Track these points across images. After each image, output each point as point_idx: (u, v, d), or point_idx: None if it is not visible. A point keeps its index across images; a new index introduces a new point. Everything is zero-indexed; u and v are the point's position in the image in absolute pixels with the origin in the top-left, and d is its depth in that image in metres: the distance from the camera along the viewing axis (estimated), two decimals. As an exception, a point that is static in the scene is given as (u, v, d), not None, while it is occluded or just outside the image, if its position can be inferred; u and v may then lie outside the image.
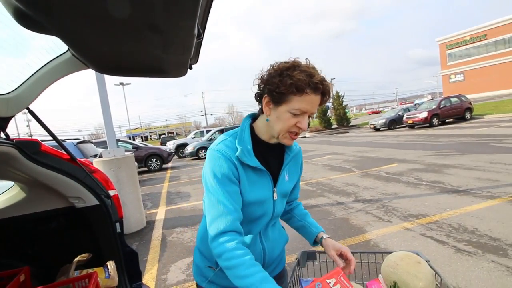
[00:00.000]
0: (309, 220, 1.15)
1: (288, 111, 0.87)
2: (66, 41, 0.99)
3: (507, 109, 16.84)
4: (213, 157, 0.91)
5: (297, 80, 0.83)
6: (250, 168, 0.92)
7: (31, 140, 1.33)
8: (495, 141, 8.14)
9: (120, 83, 32.42)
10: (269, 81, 0.88)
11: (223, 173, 0.88)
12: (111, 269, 1.50)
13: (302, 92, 0.84)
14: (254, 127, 0.99)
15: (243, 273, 0.79)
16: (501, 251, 2.53)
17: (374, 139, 13.71)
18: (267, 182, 0.97)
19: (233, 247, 0.82)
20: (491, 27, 35.91)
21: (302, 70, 0.84)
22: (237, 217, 0.87)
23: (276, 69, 0.87)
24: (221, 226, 0.84)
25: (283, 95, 0.86)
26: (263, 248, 1.02)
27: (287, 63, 0.88)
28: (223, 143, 0.94)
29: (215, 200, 0.87)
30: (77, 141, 6.77)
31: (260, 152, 0.96)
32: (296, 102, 0.86)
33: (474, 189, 4.32)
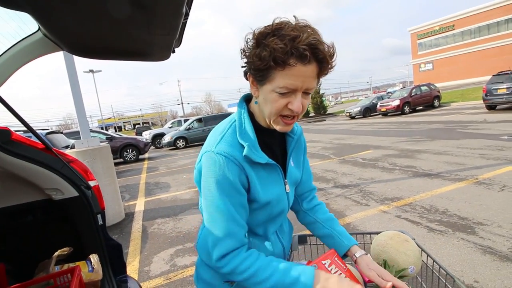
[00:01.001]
0: (338, 229, 0.95)
1: (273, 90, 0.71)
2: (37, 18, 0.90)
3: (472, 97, 17.88)
4: (216, 163, 0.74)
5: (273, 49, 0.65)
6: (260, 164, 0.79)
7: (1, 129, 1.23)
8: (461, 127, 8.64)
9: (89, 70, 30.70)
10: (248, 55, 0.73)
11: (229, 182, 0.73)
12: (94, 262, 1.44)
13: (284, 64, 0.66)
14: (252, 111, 0.84)
15: (264, 275, 0.72)
16: (469, 229, 2.72)
17: (350, 126, 14.09)
18: (277, 176, 0.85)
19: (243, 257, 0.74)
20: (459, 17, 37.56)
21: (282, 34, 0.66)
22: (244, 233, 0.77)
23: (254, 38, 0.71)
24: (229, 247, 0.74)
25: (263, 72, 0.70)
26: (282, 245, 0.95)
27: (267, 27, 0.69)
28: (223, 142, 0.76)
29: (219, 216, 0.74)
30: (46, 131, 6.38)
31: (264, 142, 0.83)
32: (280, 78, 0.69)
33: (444, 172, 4.58)
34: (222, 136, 0.78)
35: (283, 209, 0.89)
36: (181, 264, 2.84)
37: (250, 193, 0.79)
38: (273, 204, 0.84)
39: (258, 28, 0.71)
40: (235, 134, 0.78)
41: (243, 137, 0.77)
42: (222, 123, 0.84)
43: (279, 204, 0.87)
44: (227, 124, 0.82)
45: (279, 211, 0.88)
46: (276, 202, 0.85)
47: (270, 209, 0.85)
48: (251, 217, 0.84)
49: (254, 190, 0.79)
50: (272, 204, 0.84)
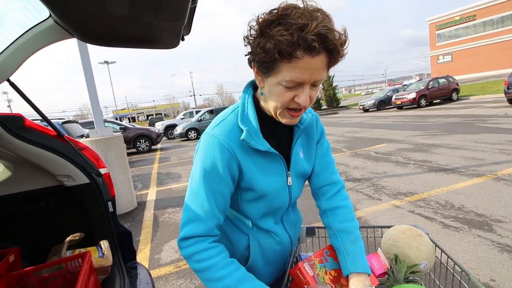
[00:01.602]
0: (348, 248, 0.83)
1: (279, 83, 0.66)
2: (47, 4, 0.90)
3: (492, 90, 17.18)
4: (207, 144, 0.73)
5: (278, 41, 0.59)
6: (259, 152, 0.76)
7: (14, 115, 1.25)
8: (481, 122, 8.34)
9: (104, 61, 31.20)
10: (251, 45, 0.67)
11: (215, 168, 0.71)
12: (104, 248, 1.47)
13: (290, 57, 0.61)
14: (258, 98, 0.79)
15: (217, 275, 0.69)
16: (486, 226, 2.63)
17: (363, 119, 13.83)
18: (279, 167, 0.81)
19: (205, 246, 0.71)
20: (480, 7, 35.89)
21: (288, 22, 0.59)
22: (216, 224, 0.74)
23: (257, 26, 0.64)
24: (195, 231, 0.72)
25: (268, 64, 0.65)
26: (289, 236, 0.92)
27: (272, 13, 0.63)
28: (221, 124, 0.75)
29: (195, 199, 0.72)
30: (62, 121, 6.55)
31: (269, 130, 0.79)
32: (286, 71, 0.63)
33: (460, 167, 4.44)
34: (222, 119, 0.77)
35: (283, 202, 0.85)
36: (191, 253, 2.87)
37: (244, 182, 0.77)
38: (271, 196, 0.81)
39: (263, 13, 0.65)
40: (236, 119, 0.76)
41: (243, 122, 0.74)
42: (227, 108, 0.82)
43: (279, 196, 0.83)
44: (230, 109, 0.80)
45: (279, 204, 0.85)
46: (275, 194, 0.81)
47: (268, 201, 0.82)
48: (250, 208, 0.82)
49: (250, 179, 0.76)
50: (270, 196, 0.81)
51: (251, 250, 0.86)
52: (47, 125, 1.44)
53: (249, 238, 0.86)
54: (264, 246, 0.87)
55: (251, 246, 0.86)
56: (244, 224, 0.86)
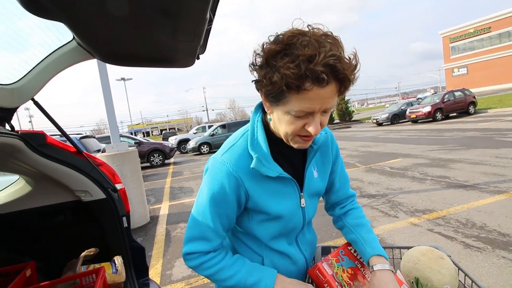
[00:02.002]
0: (364, 235, 0.87)
1: (288, 112, 0.65)
2: (71, 27, 0.95)
3: (511, 103, 16.68)
4: (216, 170, 0.74)
5: (285, 74, 0.58)
6: (270, 178, 0.75)
7: (36, 132, 1.30)
8: (500, 136, 8.06)
9: (121, 78, 32.32)
10: (257, 74, 0.66)
11: (221, 192, 0.73)
12: (118, 264, 1.48)
13: (298, 89, 0.59)
14: (268, 122, 0.78)
15: (227, 274, 0.75)
16: (511, 247, 2.49)
17: (377, 134, 13.63)
18: (292, 190, 0.80)
19: (210, 256, 0.77)
20: (495, 19, 35.43)
21: (295, 54, 0.57)
22: (220, 243, 0.78)
23: (263, 55, 0.63)
24: (199, 248, 0.76)
25: (276, 95, 0.63)
26: (304, 257, 0.91)
27: (278, 44, 0.61)
28: (230, 151, 0.75)
29: (201, 218, 0.75)
30: (80, 136, 6.75)
31: (280, 153, 0.78)
32: (294, 102, 0.62)
33: (481, 184, 4.27)
34: (232, 145, 0.77)
35: (297, 224, 0.85)
36: (203, 269, 2.84)
37: (252, 205, 0.78)
38: (284, 220, 0.81)
39: (267, 43, 0.63)
40: (246, 145, 0.75)
41: (253, 148, 0.73)
42: (237, 132, 0.82)
43: (291, 220, 0.83)
44: (240, 134, 0.80)
45: (292, 226, 0.85)
46: (287, 218, 0.81)
47: (281, 224, 0.82)
48: (261, 229, 0.82)
49: (259, 204, 0.77)
50: (284, 219, 0.81)
51: None
52: (66, 141, 1.48)
53: (263, 259, 0.85)
54: (279, 267, 0.86)
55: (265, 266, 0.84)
56: (257, 244, 0.85)
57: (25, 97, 1.15)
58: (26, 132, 1.28)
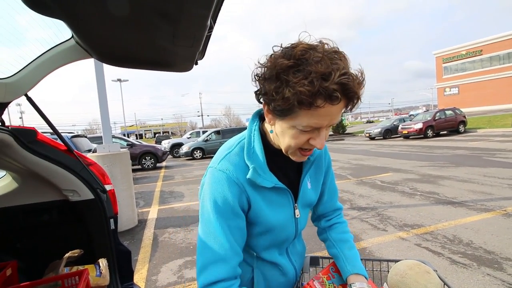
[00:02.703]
0: (346, 252, 0.88)
1: (294, 126, 0.64)
2: (70, 26, 0.95)
3: (500, 124, 17.11)
4: (215, 180, 0.70)
5: (299, 91, 0.57)
6: (266, 188, 0.74)
7: (27, 128, 1.28)
8: (489, 155, 8.23)
9: (117, 79, 32.14)
10: (263, 86, 0.64)
11: (226, 202, 0.69)
12: (102, 267, 1.44)
13: (310, 105, 0.58)
14: (265, 130, 0.77)
15: None
16: (496, 265, 2.52)
17: (369, 147, 13.78)
18: (286, 200, 0.79)
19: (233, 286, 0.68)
20: (487, 43, 36.63)
21: (308, 70, 0.57)
22: (238, 262, 0.70)
23: (272, 68, 0.61)
24: (219, 275, 0.66)
25: (284, 110, 0.62)
26: (294, 268, 0.90)
27: (287, 57, 0.59)
28: (227, 159, 0.73)
29: (212, 238, 0.68)
30: (71, 135, 6.66)
31: (276, 163, 0.77)
32: (303, 117, 0.61)
33: (469, 201, 4.34)
34: (228, 152, 0.75)
35: (289, 235, 0.84)
36: (189, 276, 2.79)
37: (251, 216, 0.75)
38: (278, 230, 0.79)
39: (276, 54, 0.62)
40: (242, 154, 0.74)
41: (249, 158, 0.72)
42: (232, 139, 0.80)
43: (285, 230, 0.81)
44: (235, 141, 0.78)
45: (285, 237, 0.83)
46: (281, 228, 0.80)
47: (274, 235, 0.80)
48: (255, 241, 0.80)
49: (257, 213, 0.74)
50: (277, 230, 0.79)
51: (255, 282, 0.83)
52: (57, 139, 1.47)
53: (253, 269, 0.83)
54: (268, 278, 0.85)
55: (255, 278, 0.83)
56: (247, 255, 0.83)
57: (19, 93, 1.14)
58: (17, 127, 1.26)
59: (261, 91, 0.66)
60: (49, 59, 1.20)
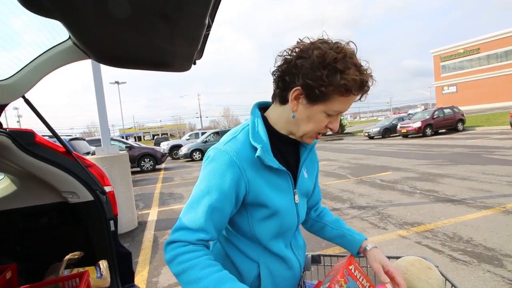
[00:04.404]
0: (347, 228, 0.98)
1: (325, 111, 0.72)
2: (67, 26, 0.94)
3: (498, 121, 17.15)
4: (217, 159, 0.73)
5: (350, 80, 0.66)
6: (270, 169, 0.77)
7: (25, 130, 1.27)
8: (487, 153, 8.25)
9: (115, 81, 32.13)
10: (309, 73, 0.69)
11: (221, 182, 0.72)
12: (103, 269, 1.44)
13: (350, 93, 0.69)
14: (267, 117, 0.83)
15: (195, 275, 0.66)
16: (496, 261, 2.52)
17: (368, 146, 13.80)
18: (287, 184, 0.82)
19: (188, 249, 0.70)
20: (484, 41, 36.75)
21: (352, 63, 0.68)
22: (209, 237, 0.73)
23: (320, 58, 0.68)
24: (181, 237, 0.70)
25: (326, 95, 0.69)
26: (298, 261, 0.91)
27: (333, 49, 0.68)
28: (233, 141, 0.76)
29: (192, 209, 0.72)
30: (69, 137, 6.64)
31: (278, 148, 0.81)
32: (338, 103, 0.71)
33: (468, 199, 4.34)
34: (233, 136, 0.78)
35: (292, 221, 0.85)
36: (190, 277, 2.79)
37: (252, 198, 0.77)
38: (283, 214, 0.81)
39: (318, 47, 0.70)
40: (247, 137, 0.77)
41: (255, 139, 0.76)
42: (236, 127, 0.84)
43: (289, 214, 0.83)
44: (240, 128, 0.82)
45: (289, 223, 0.84)
46: (285, 213, 0.82)
47: (280, 219, 0.81)
48: (262, 228, 0.81)
49: (260, 195, 0.76)
50: (282, 214, 0.81)
51: (262, 278, 0.82)
52: (56, 141, 1.46)
53: (259, 265, 0.82)
54: (274, 273, 0.84)
55: (262, 274, 0.82)
56: (253, 250, 0.83)
57: (16, 94, 1.13)
58: (15, 130, 1.26)
59: (302, 75, 0.70)
60: (46, 61, 1.19)
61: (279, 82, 0.76)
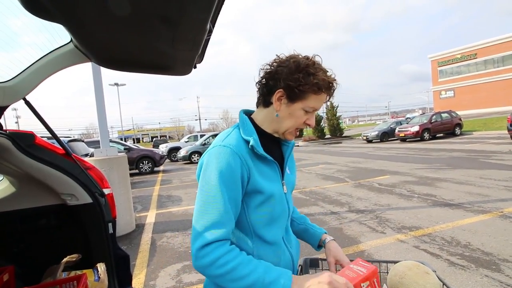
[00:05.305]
0: (310, 223, 1.10)
1: (303, 108, 0.86)
2: (70, 30, 0.95)
3: (495, 126, 17.25)
4: (221, 153, 0.79)
5: (321, 79, 0.82)
6: (262, 159, 0.87)
7: (25, 132, 1.28)
8: (485, 157, 8.29)
9: (115, 83, 32.08)
10: (288, 76, 0.84)
11: (232, 172, 0.78)
12: (101, 272, 1.43)
13: (321, 91, 0.84)
14: (254, 119, 0.94)
15: (245, 271, 0.72)
16: (493, 266, 2.53)
17: (366, 150, 13.83)
18: (276, 174, 0.92)
19: (226, 249, 0.74)
20: (481, 46, 37.02)
21: (320, 68, 0.84)
22: (232, 229, 0.79)
23: (296, 64, 0.84)
24: (215, 236, 0.74)
25: (303, 93, 0.84)
26: (290, 254, 0.96)
27: (305, 58, 0.86)
28: (228, 138, 0.85)
29: (214, 205, 0.76)
30: (68, 139, 6.63)
31: (264, 144, 0.90)
32: (312, 100, 0.85)
33: (466, 203, 4.36)
34: (227, 135, 0.87)
35: (284, 209, 0.93)
36: (187, 281, 2.78)
37: (251, 185, 0.83)
38: (275, 200, 0.88)
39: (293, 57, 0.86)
40: (239, 134, 0.88)
41: (247, 134, 0.86)
42: (226, 130, 0.93)
43: (279, 202, 0.90)
44: (230, 129, 0.92)
45: (281, 210, 0.91)
46: (277, 199, 0.89)
47: (272, 205, 0.88)
48: (256, 214, 0.86)
49: (256, 183, 0.83)
50: (274, 199, 0.88)
51: None
52: (55, 143, 1.46)
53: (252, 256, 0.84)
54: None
55: None
56: (246, 240, 0.86)
57: (17, 96, 1.14)
58: (15, 131, 1.26)
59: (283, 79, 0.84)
60: (47, 63, 1.20)
61: (264, 88, 0.90)
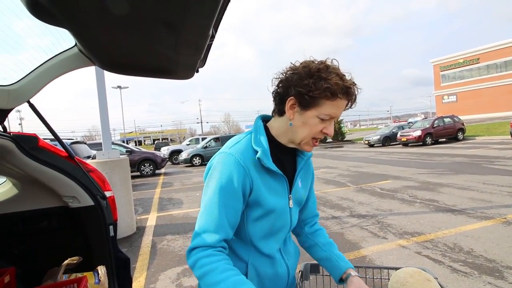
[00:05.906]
0: (336, 253, 0.99)
1: (317, 116, 0.80)
2: (74, 34, 0.96)
3: (498, 131, 17.18)
4: (224, 161, 0.80)
5: (333, 84, 0.76)
6: (268, 172, 0.84)
7: (29, 135, 1.29)
8: (488, 163, 8.25)
9: (117, 86, 32.29)
10: (299, 83, 0.80)
11: (230, 182, 0.78)
12: (101, 275, 1.43)
13: (336, 97, 0.77)
14: (270, 128, 0.91)
15: (215, 279, 0.71)
16: (497, 273, 2.51)
17: (368, 154, 13.80)
18: (283, 188, 0.89)
19: (207, 253, 0.75)
20: (484, 51, 37.01)
21: (335, 72, 0.78)
22: (223, 237, 0.78)
23: (306, 69, 0.79)
24: (201, 242, 0.76)
25: (315, 99, 0.78)
26: (287, 266, 0.95)
27: (317, 63, 0.80)
28: (238, 146, 0.84)
29: (207, 212, 0.78)
30: (70, 141, 6.66)
31: (276, 156, 0.88)
32: (327, 107, 0.79)
33: (468, 209, 4.33)
34: (237, 142, 0.86)
35: (285, 223, 0.91)
36: (187, 284, 2.77)
37: (253, 197, 0.82)
38: (276, 214, 0.86)
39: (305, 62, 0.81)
40: (250, 142, 0.85)
41: (257, 144, 0.84)
42: (240, 134, 0.92)
43: (281, 217, 0.88)
44: (243, 135, 0.90)
45: (281, 224, 0.90)
46: (278, 213, 0.87)
47: (273, 219, 0.86)
48: (254, 227, 0.85)
49: (258, 196, 0.82)
50: (275, 214, 0.86)
51: (249, 279, 0.85)
52: (58, 145, 1.47)
53: (247, 266, 0.86)
54: (261, 274, 0.87)
55: (249, 274, 0.85)
56: (243, 249, 0.87)
57: (21, 99, 1.15)
58: (18, 134, 1.27)
59: (294, 86, 0.80)
60: (52, 67, 1.21)
61: (277, 97, 0.86)
